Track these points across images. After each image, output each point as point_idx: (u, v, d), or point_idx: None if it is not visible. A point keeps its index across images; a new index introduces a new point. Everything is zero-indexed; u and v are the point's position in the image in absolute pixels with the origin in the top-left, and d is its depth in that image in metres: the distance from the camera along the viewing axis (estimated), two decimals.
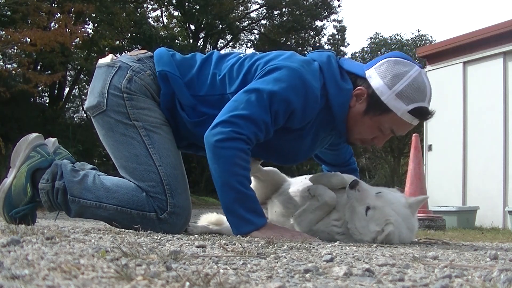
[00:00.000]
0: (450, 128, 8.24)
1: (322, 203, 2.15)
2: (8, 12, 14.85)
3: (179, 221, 2.14)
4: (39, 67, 17.20)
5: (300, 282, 0.95)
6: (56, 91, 19.34)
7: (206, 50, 23.41)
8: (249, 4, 26.12)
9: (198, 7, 22.75)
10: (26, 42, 13.27)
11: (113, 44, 19.47)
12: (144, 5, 23.45)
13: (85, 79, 21.55)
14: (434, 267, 1.22)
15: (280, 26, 25.90)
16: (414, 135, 5.91)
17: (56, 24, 14.41)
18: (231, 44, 26.81)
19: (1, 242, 1.20)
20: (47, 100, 19.89)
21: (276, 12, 26.04)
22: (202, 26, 24.29)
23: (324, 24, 27.81)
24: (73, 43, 15.41)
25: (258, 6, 26.24)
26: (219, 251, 1.39)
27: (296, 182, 2.45)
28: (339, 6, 30.14)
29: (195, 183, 18.53)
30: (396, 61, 2.14)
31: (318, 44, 26.57)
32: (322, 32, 27.33)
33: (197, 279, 0.87)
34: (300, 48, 25.46)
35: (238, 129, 1.99)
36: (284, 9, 25.72)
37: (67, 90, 20.73)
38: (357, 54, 29.60)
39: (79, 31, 14.31)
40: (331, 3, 26.36)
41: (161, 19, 25.50)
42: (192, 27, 24.89)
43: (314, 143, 2.28)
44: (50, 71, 15.95)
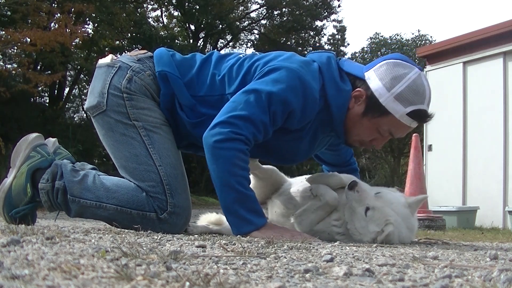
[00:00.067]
0: (450, 128, 8.24)
1: (324, 203, 2.14)
2: (8, 12, 14.85)
3: (179, 221, 2.14)
4: (39, 67, 17.20)
5: (300, 282, 0.95)
6: (56, 91, 19.35)
7: (206, 50, 23.41)
8: (249, 4, 26.15)
9: (198, 7, 22.75)
10: (26, 42, 13.28)
11: (113, 44, 19.47)
12: (144, 5, 23.47)
13: (85, 79, 21.55)
14: (434, 267, 1.22)
15: (280, 26, 25.90)
16: (414, 135, 5.91)
17: (56, 24, 14.42)
18: (231, 44, 26.84)
19: (1, 242, 1.20)
20: (47, 100, 19.89)
21: (276, 12, 26.04)
22: (202, 26, 24.29)
23: (324, 24, 27.86)
24: (73, 43, 15.42)
25: (258, 6, 26.28)
26: (219, 251, 1.40)
27: (296, 182, 2.45)
28: (339, 6, 30.17)
29: (195, 183, 18.53)
30: (396, 63, 2.13)
31: (318, 44, 26.57)
32: (322, 32, 27.37)
33: (197, 279, 0.87)
34: (300, 48, 25.46)
35: (236, 129, 1.99)
36: (284, 9, 25.72)
37: (67, 90, 20.76)
38: (357, 54, 29.61)
39: (79, 31, 14.32)
40: (331, 3, 26.38)
41: (161, 19, 25.53)
42: (192, 27, 24.89)
43: (313, 144, 2.28)
44: (50, 71, 15.95)
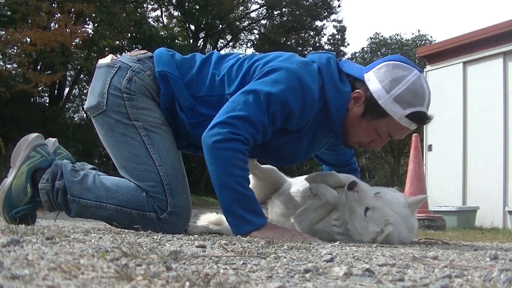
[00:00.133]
0: (450, 128, 8.24)
1: (324, 201, 2.14)
2: (8, 12, 14.85)
3: (179, 221, 2.14)
4: (39, 67, 17.20)
5: (300, 282, 0.95)
6: (56, 91, 19.34)
7: (206, 50, 23.41)
8: (249, 4, 26.14)
9: (198, 7, 22.75)
10: (26, 42, 13.28)
11: (113, 44, 19.47)
12: (144, 5, 23.46)
13: (85, 79, 21.55)
14: (434, 267, 1.22)
15: (280, 26, 25.90)
16: (414, 135, 5.91)
17: (56, 24, 14.41)
18: (231, 44, 26.84)
19: (1, 242, 1.20)
20: (47, 100, 19.88)
21: (276, 12, 26.03)
22: (202, 26, 24.29)
23: (324, 24, 27.83)
24: (73, 43, 15.42)
25: (258, 6, 26.27)
26: (219, 251, 1.39)
27: (296, 182, 2.45)
28: (339, 6, 30.17)
29: (195, 183, 18.53)
30: (395, 64, 2.13)
31: (318, 44, 26.57)
32: (322, 32, 27.36)
33: (197, 279, 0.87)
34: (300, 48, 25.47)
35: (235, 130, 1.99)
36: (284, 9, 25.71)
37: (67, 90, 20.75)
38: (357, 54, 29.60)
39: (79, 31, 14.31)
40: (331, 3, 26.37)
41: (161, 19, 25.53)
42: (192, 27, 24.89)
43: (312, 144, 2.28)
44: (50, 71, 15.94)
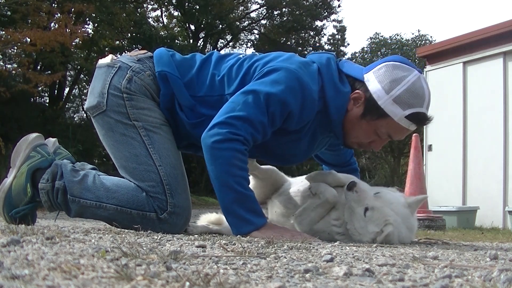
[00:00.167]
0: (450, 128, 8.24)
1: (324, 200, 2.14)
2: (8, 12, 14.85)
3: (179, 221, 2.14)
4: (39, 67, 17.20)
5: (300, 282, 0.95)
6: (56, 91, 19.34)
7: (206, 50, 23.41)
8: (249, 4, 26.14)
9: (198, 7, 22.75)
10: (26, 42, 13.28)
11: (113, 44, 19.47)
12: (144, 5, 23.46)
13: (85, 79, 21.55)
14: (434, 267, 1.22)
15: (280, 26, 25.90)
16: (414, 135, 5.91)
17: (56, 24, 14.41)
18: (231, 44, 26.84)
19: (1, 242, 1.20)
20: (47, 100, 19.89)
21: (276, 12, 26.03)
22: (202, 26, 24.29)
23: (324, 24, 27.85)
24: (73, 43, 15.41)
25: (258, 6, 26.27)
26: (219, 251, 1.39)
27: (296, 182, 2.45)
28: (339, 6, 30.18)
29: (195, 183, 18.53)
30: (395, 65, 2.13)
31: (318, 44, 26.57)
32: (322, 32, 27.36)
33: (197, 279, 0.87)
34: (300, 48, 25.47)
35: (235, 130, 1.99)
36: (284, 9, 25.71)
37: (67, 90, 20.75)
38: (357, 54, 29.60)
39: (79, 31, 14.31)
40: (331, 3, 26.37)
41: (161, 19, 25.53)
42: (192, 27, 24.88)
43: (312, 144, 2.28)
44: (50, 71, 15.94)
